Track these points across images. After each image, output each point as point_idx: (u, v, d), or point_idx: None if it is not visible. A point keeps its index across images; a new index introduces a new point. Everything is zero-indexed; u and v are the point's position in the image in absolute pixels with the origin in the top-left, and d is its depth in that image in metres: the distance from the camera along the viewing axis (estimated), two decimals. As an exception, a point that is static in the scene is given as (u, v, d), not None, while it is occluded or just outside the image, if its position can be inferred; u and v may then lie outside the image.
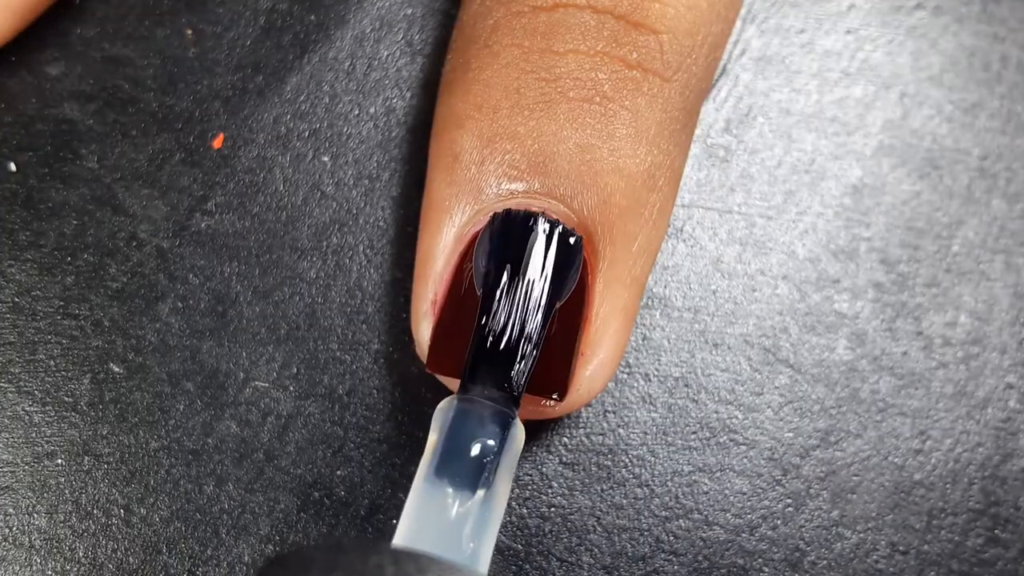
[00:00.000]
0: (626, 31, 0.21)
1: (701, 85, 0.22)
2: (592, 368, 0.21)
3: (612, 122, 0.21)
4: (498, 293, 0.20)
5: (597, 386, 0.21)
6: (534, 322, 0.20)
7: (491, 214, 0.21)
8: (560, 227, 0.20)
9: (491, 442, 0.19)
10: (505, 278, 0.20)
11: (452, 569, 0.15)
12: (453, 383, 0.21)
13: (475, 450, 0.19)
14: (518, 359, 0.20)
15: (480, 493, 0.18)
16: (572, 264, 0.20)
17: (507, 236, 0.20)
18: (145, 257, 0.23)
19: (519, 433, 0.20)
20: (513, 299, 0.20)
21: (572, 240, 0.20)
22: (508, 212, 0.20)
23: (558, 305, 0.20)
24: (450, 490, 0.18)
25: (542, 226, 0.20)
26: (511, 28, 0.21)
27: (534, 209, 0.21)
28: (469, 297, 0.21)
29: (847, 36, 0.26)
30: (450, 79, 0.22)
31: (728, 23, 0.22)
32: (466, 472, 0.19)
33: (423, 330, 0.21)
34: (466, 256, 0.21)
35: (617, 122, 0.21)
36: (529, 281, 0.20)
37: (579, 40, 0.21)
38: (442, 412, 0.19)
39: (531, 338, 0.20)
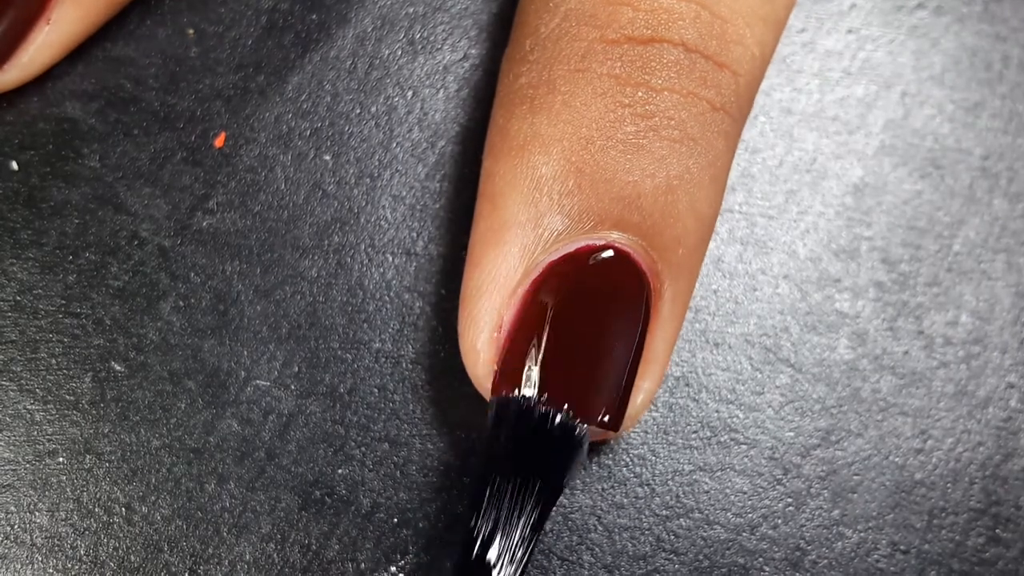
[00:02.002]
0: (713, 72, 0.21)
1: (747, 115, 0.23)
2: (642, 397, 0.21)
3: (697, 163, 0.21)
4: (492, 494, 0.20)
5: (642, 411, 0.22)
6: (524, 539, 0.20)
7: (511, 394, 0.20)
8: (578, 427, 0.20)
9: None
10: (498, 481, 0.20)
11: None
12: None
13: None
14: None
15: None
16: (576, 459, 0.20)
17: (517, 427, 0.20)
18: (147, 256, 0.23)
19: None
20: (503, 507, 0.20)
21: (577, 432, 0.20)
22: (522, 408, 0.20)
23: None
24: None
25: (559, 421, 0.20)
26: (607, 55, 0.21)
27: (616, 244, 0.21)
28: (535, 323, 0.21)
29: (848, 35, 0.26)
30: (529, 95, 0.22)
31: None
32: None
33: (484, 354, 0.21)
34: (538, 285, 0.21)
35: (702, 163, 0.21)
36: (528, 493, 0.20)
37: (674, 78, 0.21)
38: None
39: (517, 560, 0.20)
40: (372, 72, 0.25)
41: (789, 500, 0.23)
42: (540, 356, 0.20)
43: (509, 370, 0.21)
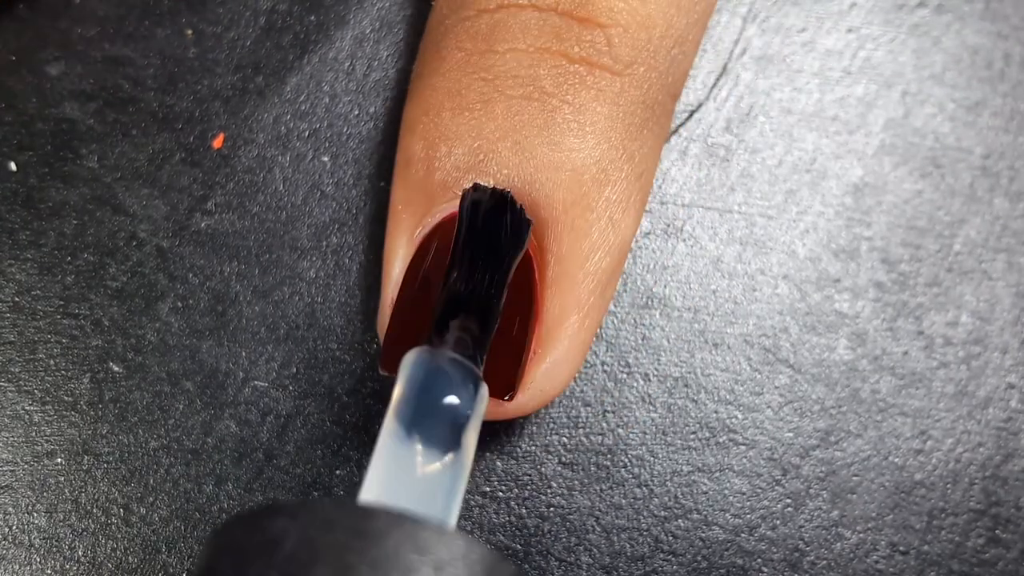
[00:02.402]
0: (569, 26, 0.21)
1: (666, 79, 0.22)
2: (546, 367, 0.21)
3: (552, 117, 0.21)
4: (469, 251, 0.20)
5: (555, 385, 0.21)
6: (498, 280, 0.20)
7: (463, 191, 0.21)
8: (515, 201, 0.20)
9: (463, 402, 0.18)
10: (472, 238, 0.20)
11: (424, 524, 0.15)
12: None
13: (449, 410, 0.18)
14: (486, 312, 0.20)
15: (450, 456, 0.18)
16: (524, 237, 0.21)
17: (476, 205, 0.20)
18: (145, 257, 0.23)
19: (485, 393, 0.19)
20: (481, 258, 0.20)
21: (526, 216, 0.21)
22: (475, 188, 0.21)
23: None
24: (420, 447, 0.18)
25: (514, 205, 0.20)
26: (457, 32, 0.22)
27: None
28: (421, 300, 0.21)
29: (848, 35, 0.26)
30: (410, 88, 0.23)
31: (699, 15, 0.22)
32: (439, 432, 0.18)
33: (380, 334, 0.22)
34: (417, 259, 0.21)
35: (557, 116, 0.21)
36: (496, 245, 0.20)
37: (519, 38, 0.21)
38: (409, 365, 0.19)
39: (498, 293, 0.20)
40: (371, 74, 0.25)
41: (788, 501, 0.23)
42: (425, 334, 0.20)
43: (392, 348, 0.20)
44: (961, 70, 0.26)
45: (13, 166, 0.24)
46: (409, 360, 0.19)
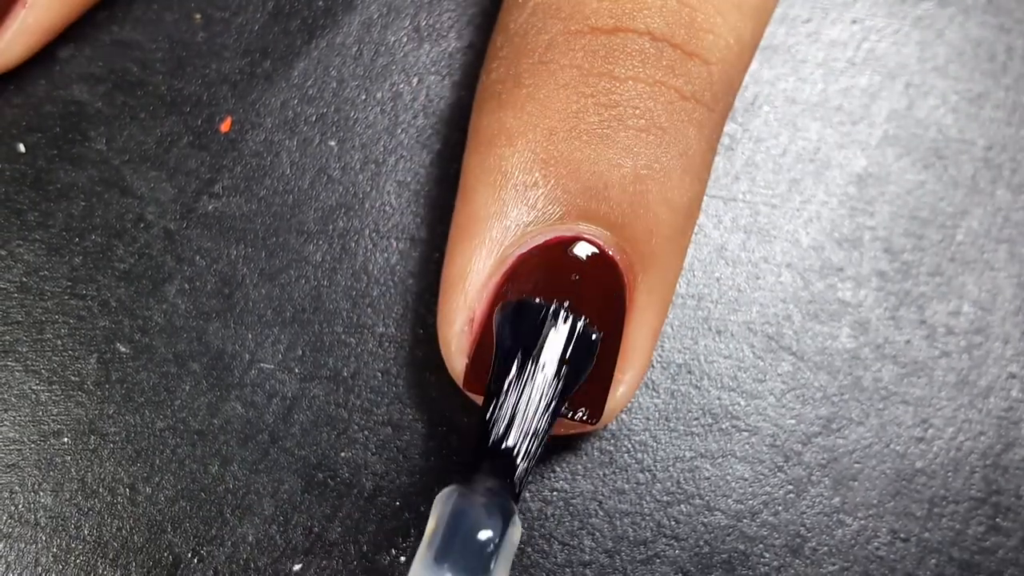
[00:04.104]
0: (682, 61, 0.21)
1: (732, 109, 0.22)
2: (622, 390, 0.21)
3: (667, 153, 0.21)
4: (506, 384, 0.20)
5: (624, 404, 0.21)
6: (541, 421, 0.20)
7: (512, 298, 0.20)
8: (583, 322, 0.20)
9: (492, 535, 0.19)
10: (514, 369, 0.20)
11: None
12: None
13: (477, 543, 0.19)
14: (521, 458, 0.20)
15: None
16: (588, 362, 0.20)
17: (521, 323, 0.20)
18: (152, 239, 0.24)
19: (517, 527, 0.19)
20: (521, 392, 0.20)
21: (593, 336, 0.20)
22: (522, 301, 0.20)
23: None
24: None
25: (562, 316, 0.20)
26: (570, 47, 0.21)
27: (583, 235, 0.20)
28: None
29: (853, 26, 0.26)
30: (497, 90, 0.22)
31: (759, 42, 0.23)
32: (468, 564, 0.18)
33: (456, 347, 0.21)
34: (508, 278, 0.21)
35: (671, 153, 0.21)
36: (541, 375, 0.20)
37: (639, 67, 0.21)
38: (442, 501, 0.19)
39: (537, 435, 0.20)
40: (378, 59, 0.25)
41: (790, 487, 0.23)
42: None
43: (480, 364, 0.21)
44: (964, 62, 0.26)
45: (22, 147, 0.24)
46: (442, 497, 0.19)
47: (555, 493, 0.23)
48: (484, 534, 0.19)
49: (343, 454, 0.23)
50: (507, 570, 0.19)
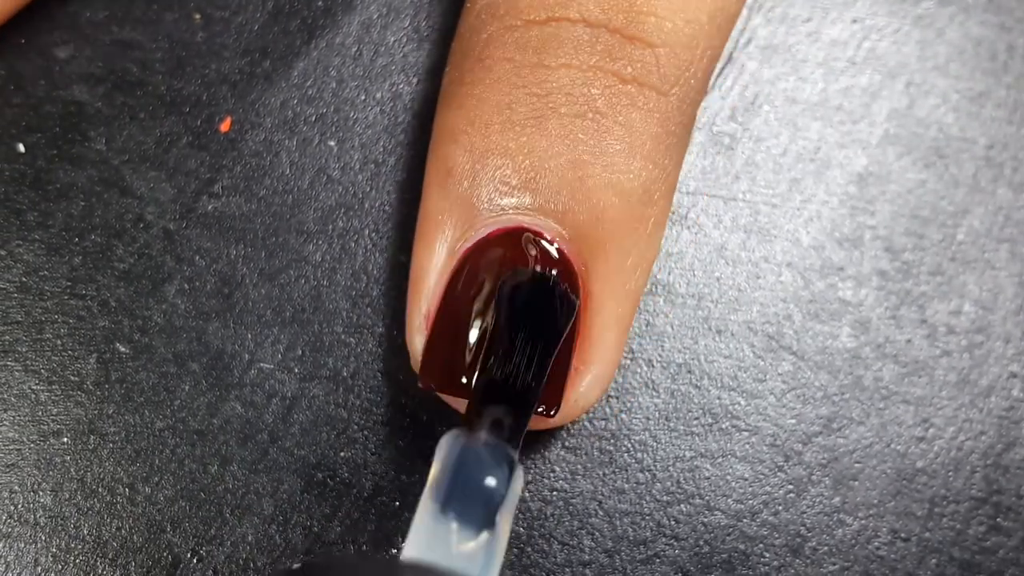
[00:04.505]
0: (620, 45, 0.21)
1: (699, 96, 0.22)
2: (586, 382, 0.21)
3: (605, 137, 0.21)
4: (517, 341, 0.20)
5: (592, 398, 0.21)
6: (539, 371, 0.20)
7: (506, 270, 0.21)
8: (554, 277, 0.20)
9: (497, 484, 0.18)
10: (516, 330, 0.20)
11: None
12: (450, 399, 0.21)
13: (483, 491, 0.18)
14: (525, 399, 0.20)
15: (485, 534, 0.18)
16: (565, 316, 0.20)
17: (522, 291, 0.20)
18: (152, 239, 0.24)
19: (521, 477, 0.19)
20: (523, 348, 0.20)
21: (567, 292, 0.20)
22: (524, 274, 0.20)
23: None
24: (455, 526, 0.18)
25: (558, 290, 0.20)
26: (503, 42, 0.21)
27: (525, 225, 0.21)
28: (460, 313, 0.21)
29: (853, 25, 0.26)
30: (446, 92, 0.22)
31: (727, 35, 0.22)
32: (473, 512, 0.18)
33: (416, 344, 0.21)
34: (458, 272, 0.21)
35: (611, 137, 0.21)
36: (539, 336, 0.20)
37: (572, 54, 0.21)
38: (446, 445, 0.19)
39: (538, 379, 0.20)
40: (377, 59, 0.25)
41: (790, 487, 0.23)
42: (465, 347, 0.20)
43: (432, 362, 0.21)
44: (965, 61, 0.26)
45: (21, 147, 0.24)
46: (445, 442, 0.19)
47: (555, 493, 0.23)
48: (490, 479, 0.18)
49: (343, 454, 0.23)
50: (511, 521, 0.19)
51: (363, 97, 0.25)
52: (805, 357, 0.24)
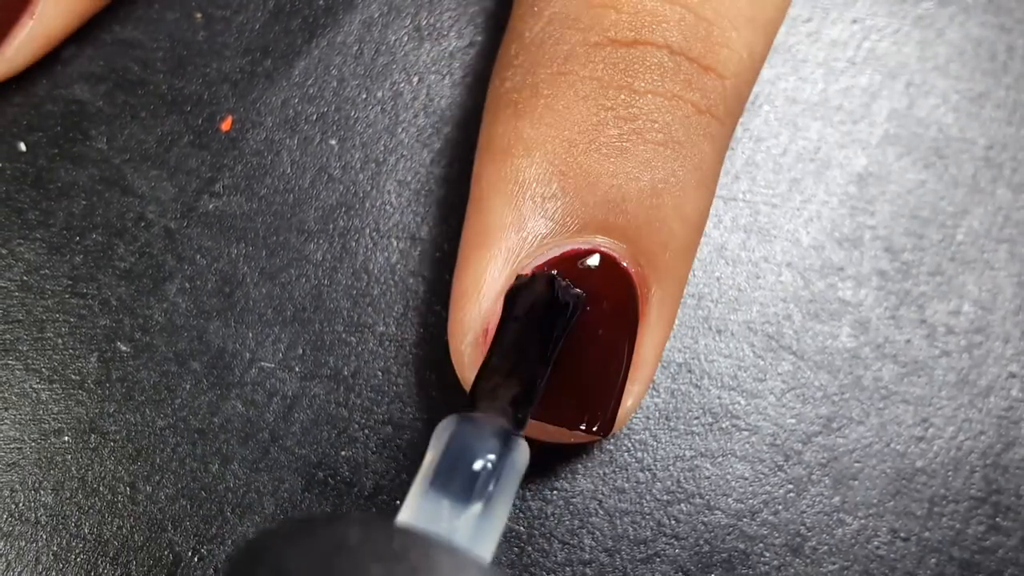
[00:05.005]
0: (698, 75, 0.21)
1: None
2: (631, 401, 0.21)
3: (683, 167, 0.21)
4: (511, 332, 0.20)
5: (630, 414, 0.22)
6: (545, 356, 0.20)
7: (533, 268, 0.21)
8: (559, 279, 0.20)
9: (489, 454, 0.18)
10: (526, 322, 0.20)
11: (451, 550, 0.15)
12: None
13: (472, 461, 0.18)
14: (530, 384, 0.20)
15: (477, 506, 0.18)
16: (567, 316, 0.21)
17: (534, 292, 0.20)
18: (153, 238, 0.24)
19: (522, 450, 0.19)
20: (526, 339, 0.20)
21: (572, 292, 0.20)
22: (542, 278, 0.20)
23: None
24: (446, 502, 0.18)
25: (543, 279, 0.20)
26: (589, 58, 0.21)
27: (602, 249, 0.21)
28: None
29: (853, 25, 0.26)
30: (513, 99, 0.22)
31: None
32: (461, 482, 0.18)
33: (469, 359, 0.21)
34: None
35: (687, 167, 0.21)
36: (549, 333, 0.20)
37: (658, 80, 0.21)
38: (441, 429, 0.19)
39: (543, 367, 0.20)
40: (378, 58, 0.25)
41: (790, 486, 0.23)
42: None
43: (489, 380, 0.20)
44: (965, 62, 0.26)
45: (23, 146, 0.24)
46: (442, 425, 0.19)
47: (555, 492, 0.23)
48: (478, 456, 0.18)
49: (343, 453, 0.23)
50: (511, 498, 0.18)
51: (364, 96, 0.25)
52: (805, 357, 0.24)
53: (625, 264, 0.21)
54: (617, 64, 0.21)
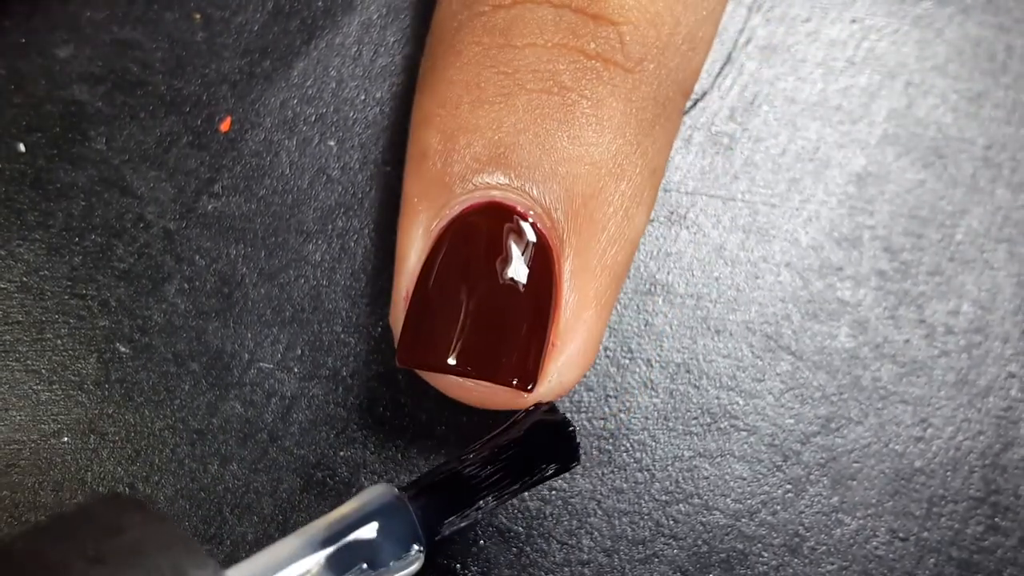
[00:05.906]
0: (584, 23, 0.21)
1: (676, 76, 0.22)
2: (564, 359, 0.21)
3: (572, 111, 0.21)
4: (487, 454, 0.20)
5: (571, 377, 0.21)
6: (512, 491, 0.20)
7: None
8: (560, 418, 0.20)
9: (385, 553, 0.19)
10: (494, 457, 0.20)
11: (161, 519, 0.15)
12: (427, 375, 0.22)
13: (365, 547, 0.18)
14: (465, 510, 0.20)
15: None
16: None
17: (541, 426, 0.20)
18: (152, 238, 0.24)
19: (417, 560, 0.19)
20: (495, 465, 0.20)
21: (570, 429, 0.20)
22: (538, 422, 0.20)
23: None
24: (321, 562, 0.18)
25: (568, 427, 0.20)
26: (472, 27, 0.22)
27: (498, 200, 0.21)
28: (436, 290, 0.21)
29: (852, 25, 0.26)
30: (420, 81, 0.23)
31: (708, 12, 0.22)
32: (344, 560, 0.18)
33: (396, 326, 0.22)
34: (435, 252, 0.21)
35: (577, 110, 0.21)
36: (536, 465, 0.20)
37: (536, 33, 0.21)
38: (366, 492, 0.19)
39: (502, 498, 0.20)
40: (377, 59, 0.25)
41: (788, 487, 0.23)
42: (441, 324, 0.21)
43: (408, 340, 0.21)
44: (964, 62, 0.26)
45: (22, 147, 0.24)
46: (368, 490, 0.19)
47: (554, 492, 0.23)
48: (382, 546, 0.19)
49: (342, 453, 0.23)
50: None
51: (363, 97, 0.25)
52: (803, 357, 0.24)
53: (524, 212, 0.21)
54: (496, 25, 0.21)
